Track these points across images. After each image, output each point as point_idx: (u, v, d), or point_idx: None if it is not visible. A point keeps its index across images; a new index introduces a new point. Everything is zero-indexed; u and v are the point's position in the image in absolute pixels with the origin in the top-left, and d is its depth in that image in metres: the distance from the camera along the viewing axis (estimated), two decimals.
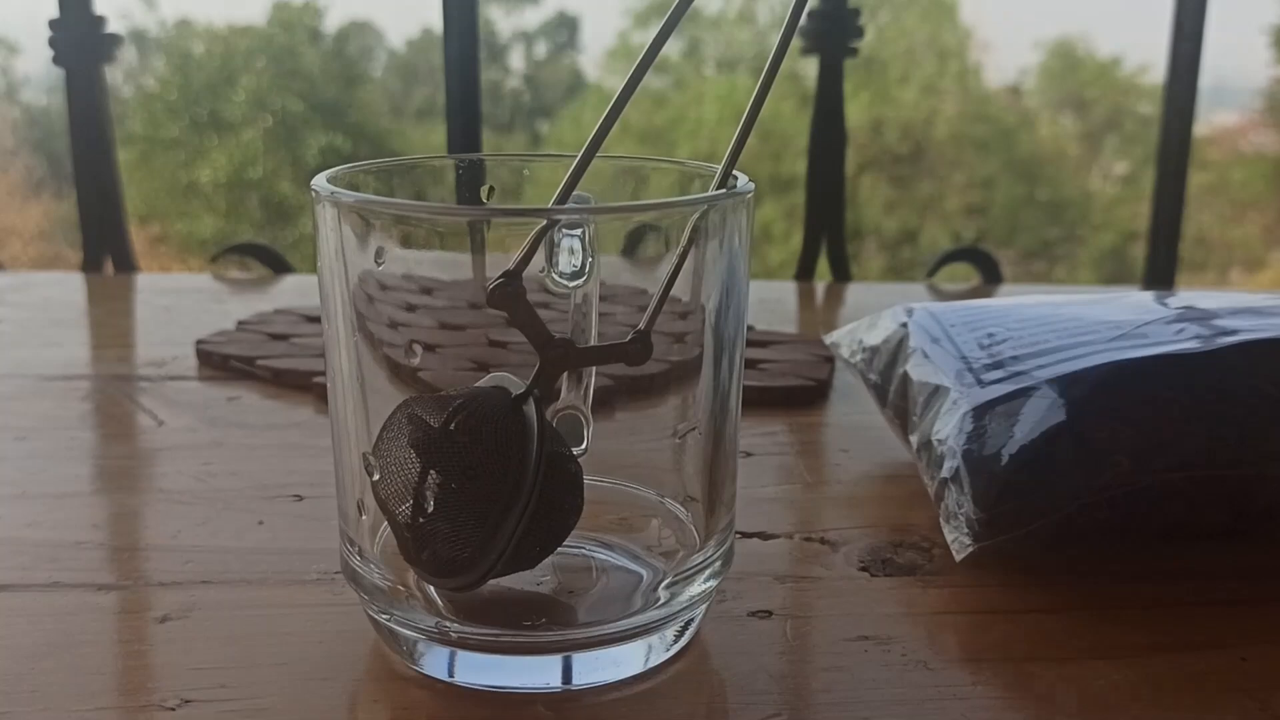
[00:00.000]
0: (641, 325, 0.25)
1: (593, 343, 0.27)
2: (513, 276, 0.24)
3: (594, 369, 0.28)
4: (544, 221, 0.25)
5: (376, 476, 0.26)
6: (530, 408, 0.25)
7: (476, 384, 0.26)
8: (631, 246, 0.26)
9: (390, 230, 0.25)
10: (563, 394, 0.27)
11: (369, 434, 0.26)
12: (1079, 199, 4.93)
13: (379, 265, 0.25)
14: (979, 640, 0.30)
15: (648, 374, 0.26)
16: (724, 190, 0.27)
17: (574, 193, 0.26)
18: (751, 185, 0.27)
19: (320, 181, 0.27)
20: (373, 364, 0.26)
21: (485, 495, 0.25)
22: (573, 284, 0.26)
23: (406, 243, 0.25)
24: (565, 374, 0.27)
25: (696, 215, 0.26)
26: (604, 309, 0.26)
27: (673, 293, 0.26)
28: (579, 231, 0.25)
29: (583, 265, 0.26)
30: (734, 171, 0.27)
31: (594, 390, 0.28)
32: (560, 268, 0.25)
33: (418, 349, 0.25)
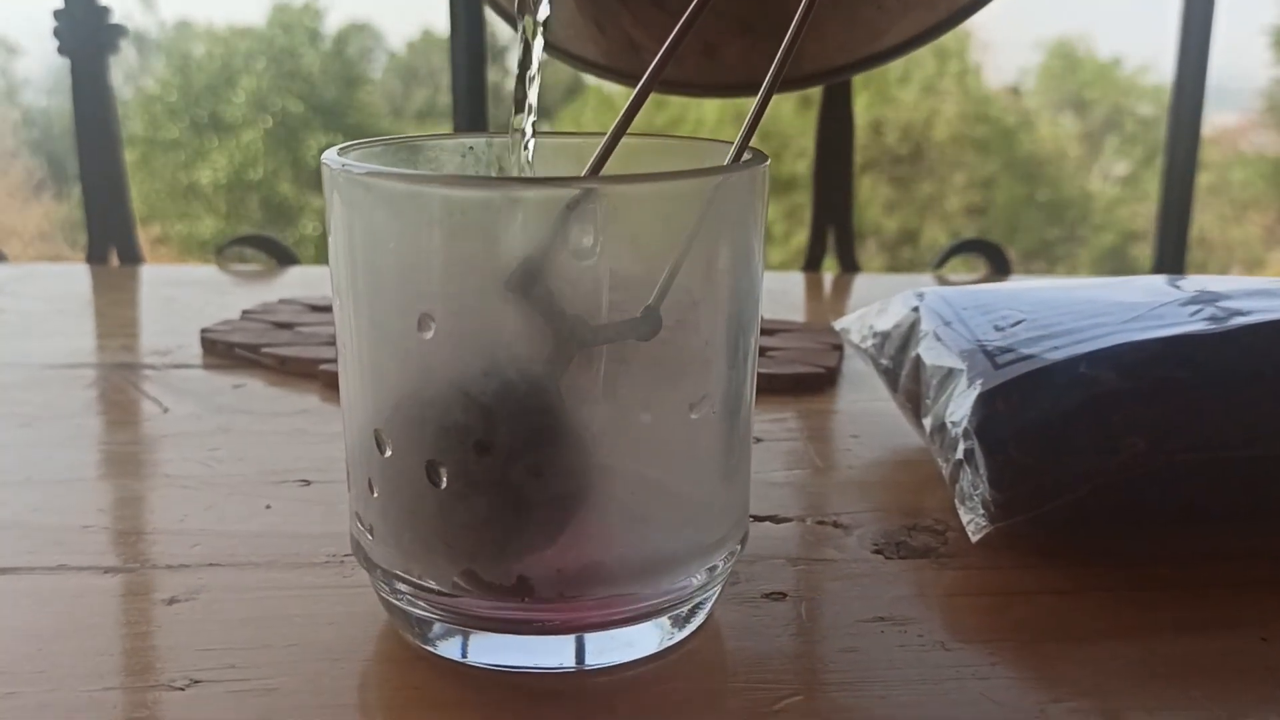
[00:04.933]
0: (651, 301, 0.25)
1: (604, 320, 0.27)
2: (529, 253, 0.24)
3: (605, 347, 0.27)
4: (563, 195, 0.24)
5: (389, 453, 0.26)
6: (546, 384, 0.25)
7: (490, 361, 0.25)
8: (644, 220, 0.25)
9: (402, 203, 0.25)
10: (574, 372, 0.27)
11: (380, 410, 0.26)
12: (1079, 199, 4.93)
13: (390, 241, 0.25)
14: (996, 621, 0.30)
15: (661, 352, 0.25)
16: (739, 162, 0.26)
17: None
18: (766, 158, 0.27)
19: (331, 155, 0.26)
20: (383, 340, 0.26)
21: (502, 474, 0.25)
22: (584, 261, 0.26)
23: (419, 216, 0.24)
24: (578, 352, 0.26)
25: (711, 187, 0.25)
26: (616, 285, 0.26)
27: (686, 268, 0.25)
28: (592, 206, 0.25)
29: (595, 241, 0.25)
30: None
31: (606, 369, 0.27)
32: (573, 244, 0.25)
33: (429, 325, 0.25)
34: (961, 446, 0.33)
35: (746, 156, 0.27)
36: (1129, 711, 0.26)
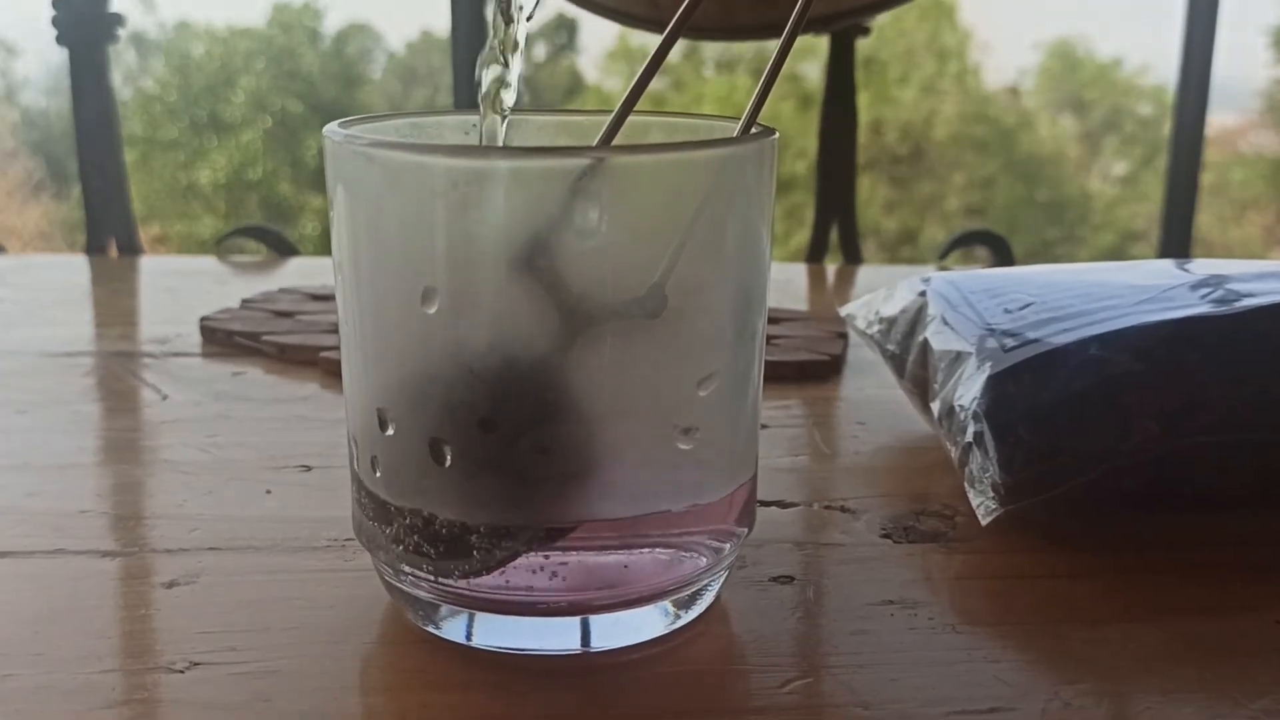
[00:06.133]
0: (657, 277, 0.25)
1: (610, 296, 0.26)
2: (535, 227, 0.23)
3: (611, 324, 0.27)
4: (570, 165, 0.24)
5: (391, 431, 0.26)
6: (551, 361, 0.24)
7: (495, 337, 0.25)
8: (652, 193, 0.25)
9: (405, 175, 0.24)
10: (580, 349, 0.26)
11: (382, 388, 0.26)
12: (1079, 199, 4.93)
13: (393, 214, 0.25)
14: (1008, 604, 0.29)
15: (667, 329, 0.25)
16: (748, 135, 0.26)
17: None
18: (775, 131, 0.26)
19: (333, 128, 0.26)
20: (386, 315, 0.25)
21: (507, 451, 0.25)
22: (591, 235, 0.25)
23: (422, 188, 0.24)
24: (583, 329, 0.26)
25: (720, 159, 0.25)
26: (622, 260, 0.25)
27: (694, 243, 0.25)
28: (600, 177, 0.24)
29: (602, 215, 0.25)
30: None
31: (612, 345, 0.27)
32: (580, 217, 0.25)
33: (433, 299, 0.24)
34: (971, 429, 0.33)
35: (754, 130, 0.26)
36: (1142, 694, 0.25)
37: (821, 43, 0.71)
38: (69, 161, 0.70)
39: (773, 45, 0.27)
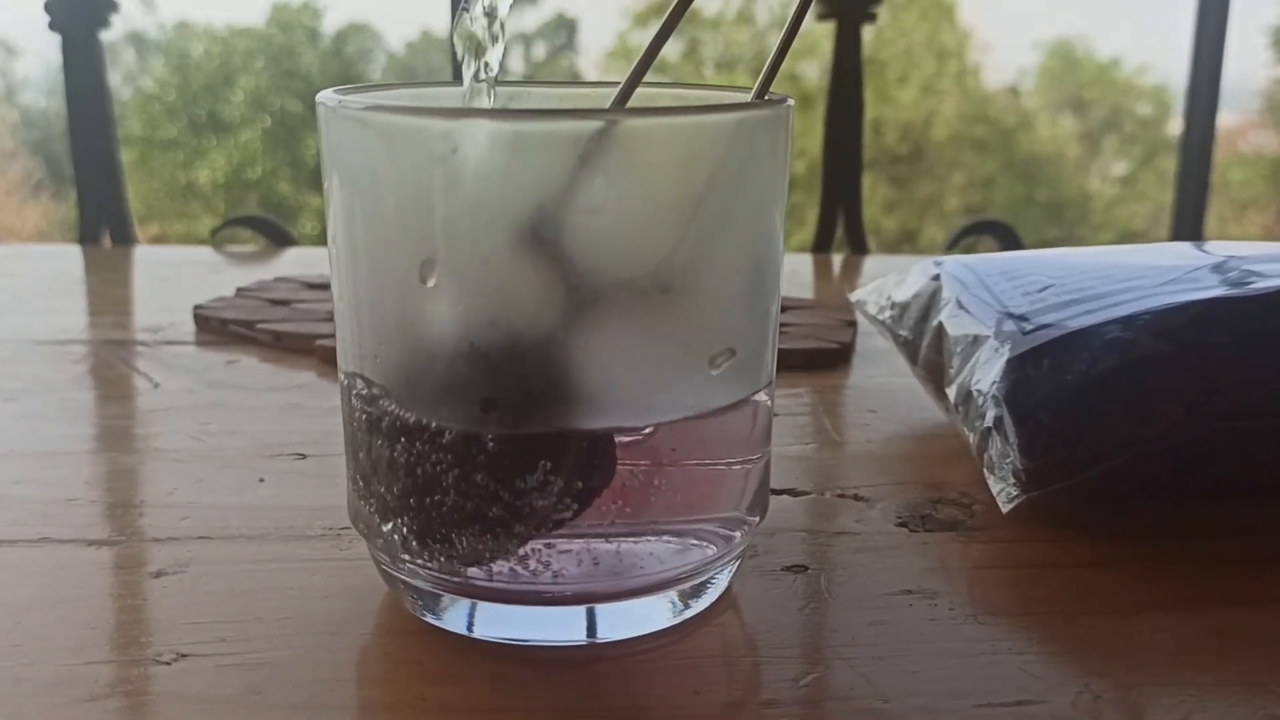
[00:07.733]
0: (669, 249, 0.24)
1: (618, 269, 0.25)
2: (541, 197, 0.22)
3: (619, 299, 0.26)
4: (579, 128, 0.23)
5: (390, 405, 0.24)
6: (556, 338, 0.23)
7: (497, 313, 0.24)
8: (663, 161, 0.24)
9: (402, 140, 0.23)
10: (586, 325, 0.25)
11: (379, 367, 0.25)
12: (1079, 199, 4.92)
13: (390, 182, 0.23)
14: (1030, 594, 0.28)
15: (678, 304, 0.24)
16: (763, 100, 0.25)
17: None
18: (789, 99, 0.25)
19: (327, 94, 0.25)
20: (382, 290, 0.24)
21: (510, 433, 0.23)
22: (599, 206, 0.24)
23: (420, 153, 0.23)
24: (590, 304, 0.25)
25: (734, 124, 0.24)
26: (632, 232, 0.24)
27: (706, 215, 0.24)
28: (610, 143, 0.23)
29: (612, 184, 0.24)
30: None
31: (620, 321, 0.26)
32: (588, 186, 0.24)
33: (432, 273, 0.23)
34: (990, 414, 0.32)
35: (769, 97, 0.25)
36: (1177, 686, 0.24)
37: (824, 40, 0.70)
38: (68, 162, 0.69)
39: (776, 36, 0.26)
